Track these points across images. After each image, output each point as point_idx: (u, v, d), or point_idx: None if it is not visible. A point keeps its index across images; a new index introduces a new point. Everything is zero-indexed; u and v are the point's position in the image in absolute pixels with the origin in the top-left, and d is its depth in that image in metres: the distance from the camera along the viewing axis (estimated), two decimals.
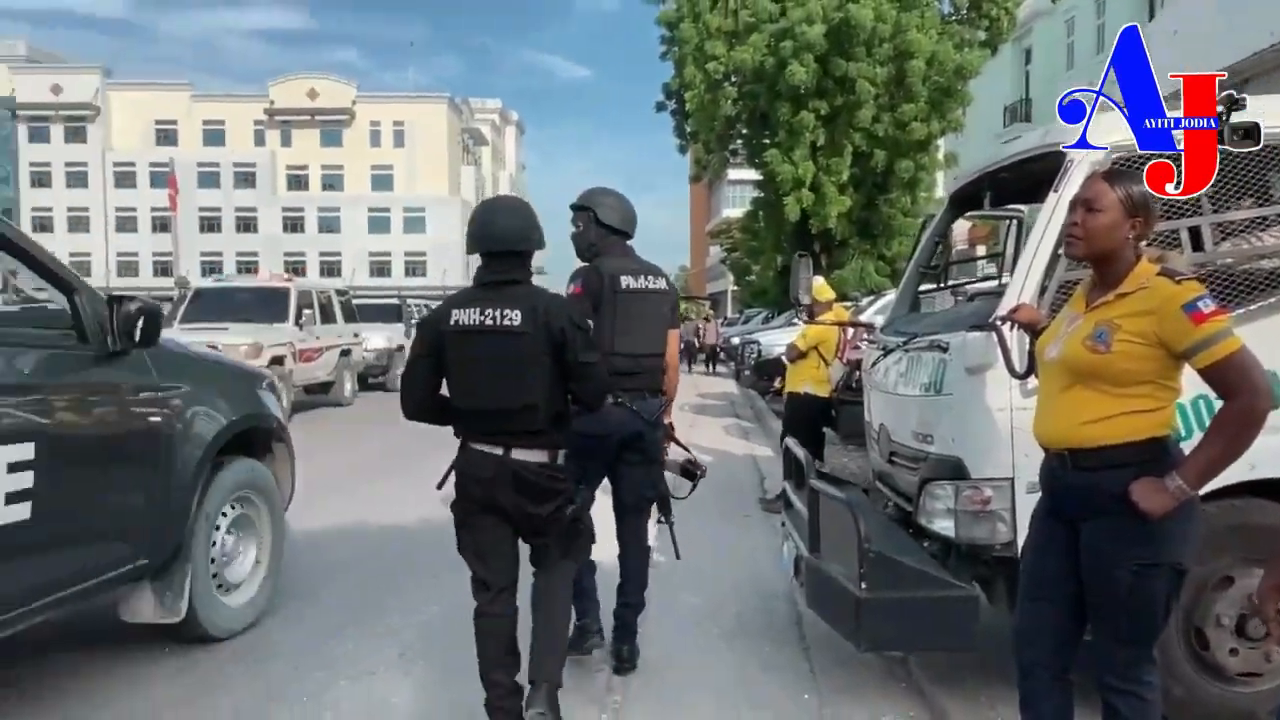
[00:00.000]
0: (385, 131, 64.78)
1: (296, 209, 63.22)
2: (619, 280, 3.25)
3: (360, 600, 4.25)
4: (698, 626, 3.94)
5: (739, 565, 4.89)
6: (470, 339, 2.65)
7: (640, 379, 3.28)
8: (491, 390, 2.65)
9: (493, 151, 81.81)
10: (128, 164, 61.82)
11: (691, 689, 3.30)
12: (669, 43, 24.77)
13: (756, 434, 10.60)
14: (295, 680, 3.32)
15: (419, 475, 6.80)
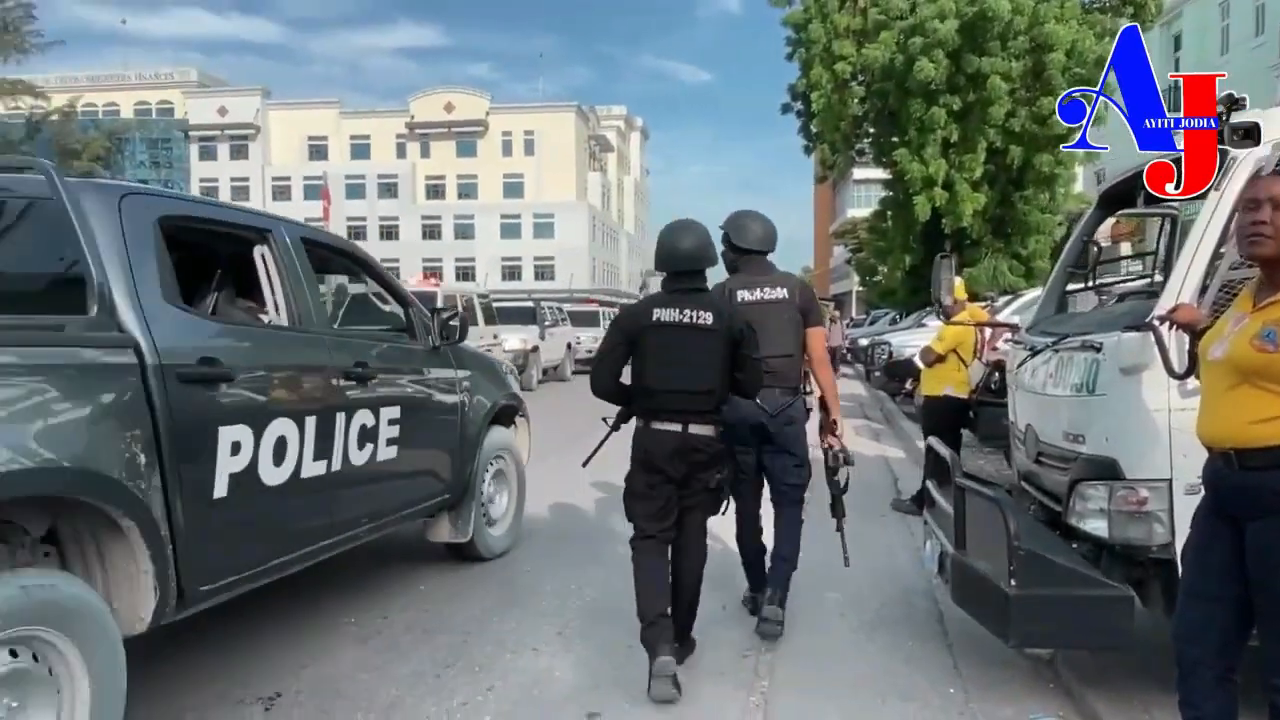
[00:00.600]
0: (516, 141, 66.98)
1: (434, 217, 66.22)
2: (736, 294, 3.73)
3: (518, 583, 4.55)
4: (841, 619, 4.04)
5: (877, 562, 4.94)
6: (670, 332, 3.25)
7: (767, 377, 3.58)
8: (683, 374, 3.24)
9: (618, 157, 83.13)
10: (284, 178, 66.37)
11: (836, 679, 3.41)
12: (795, 44, 24.64)
13: (887, 435, 10.47)
14: (464, 652, 3.62)
15: (560, 467, 7.15)
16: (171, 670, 3.33)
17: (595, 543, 5.37)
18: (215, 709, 3.04)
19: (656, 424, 3.26)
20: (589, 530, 5.75)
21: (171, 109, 68.32)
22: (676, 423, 3.24)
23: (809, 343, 3.81)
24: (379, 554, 4.94)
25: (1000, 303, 12.68)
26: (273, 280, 3.49)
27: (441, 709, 3.08)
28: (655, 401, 3.27)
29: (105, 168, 59.90)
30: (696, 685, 3.30)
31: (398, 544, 5.07)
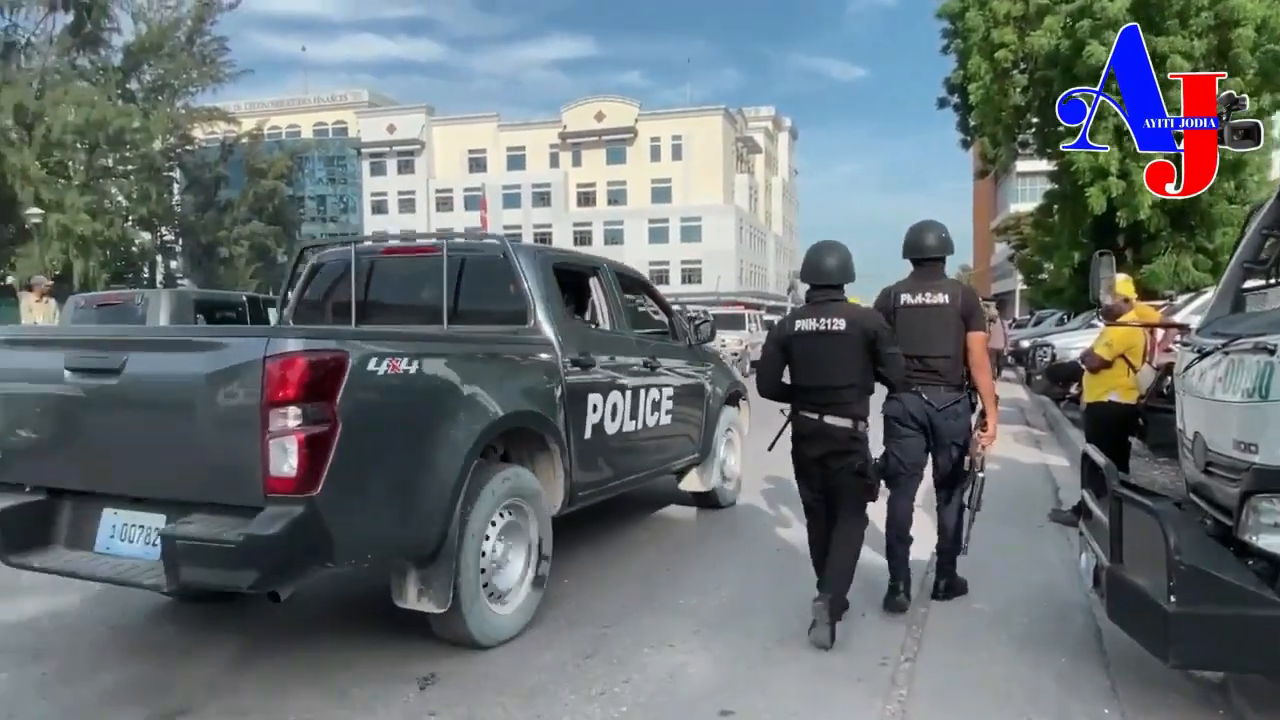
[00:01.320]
0: (664, 146, 67.74)
1: (585, 223, 67.95)
2: (900, 298, 4.17)
3: (657, 580, 4.65)
4: (988, 632, 3.89)
5: (1031, 574, 4.72)
6: (811, 338, 3.88)
7: (930, 375, 4.07)
8: (824, 373, 3.86)
9: (766, 158, 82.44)
10: (446, 190, 70.00)
11: (979, 693, 3.29)
12: (951, 35, 23.76)
13: (1049, 443, 9.91)
14: (604, 644, 3.74)
15: None
16: (330, 650, 3.62)
17: (738, 540, 5.40)
18: (374, 685, 3.29)
19: (802, 413, 3.94)
20: (730, 527, 5.78)
21: (345, 128, 73.40)
22: (815, 412, 3.87)
23: (969, 346, 4.12)
24: None
25: (1179, 301, 11.72)
26: (601, 300, 5.12)
27: (580, 697, 3.21)
28: (802, 396, 3.95)
29: (288, 184, 65.29)
30: (832, 690, 3.29)
31: None
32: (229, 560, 2.78)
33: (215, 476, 2.99)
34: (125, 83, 53.98)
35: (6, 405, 3.39)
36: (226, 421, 2.92)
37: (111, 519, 3.21)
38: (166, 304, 9.16)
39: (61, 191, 45.98)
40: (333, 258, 5.03)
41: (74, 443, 3.30)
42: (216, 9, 55.24)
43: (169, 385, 3.09)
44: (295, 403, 2.81)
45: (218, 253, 58.07)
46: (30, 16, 48.71)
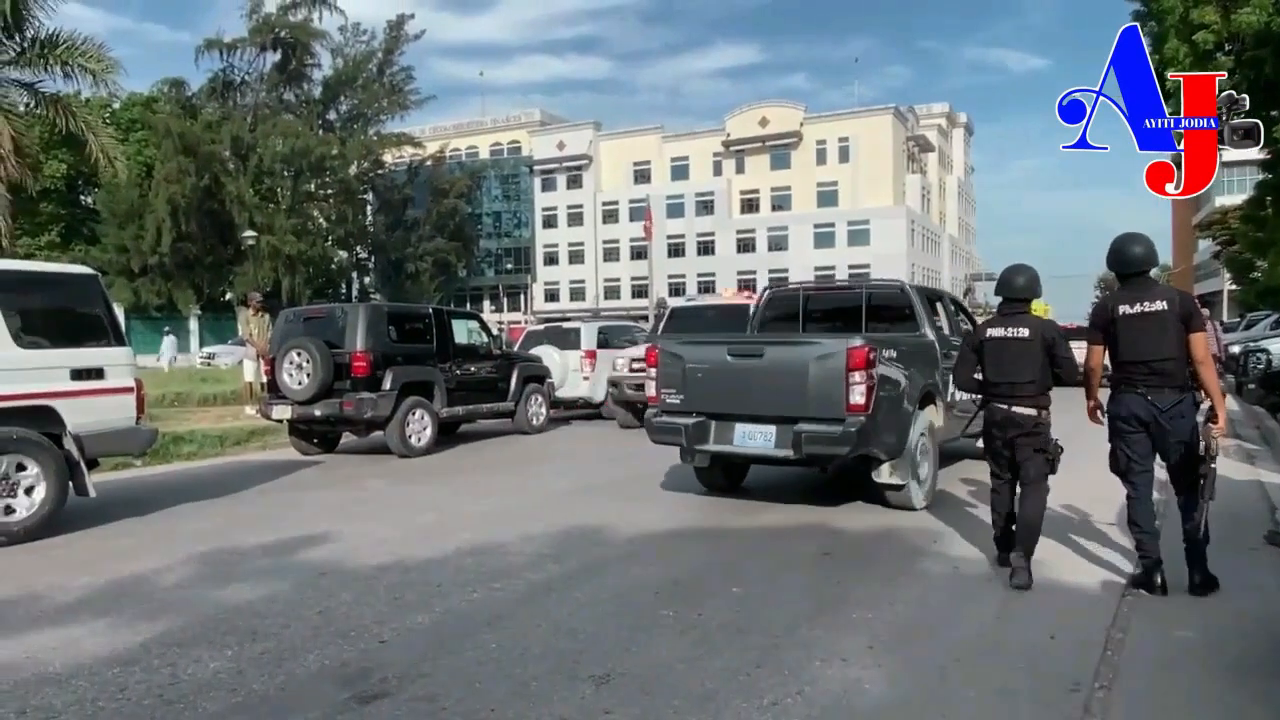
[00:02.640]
0: (830, 149, 66.38)
1: (748, 230, 67.65)
2: (1117, 309, 4.48)
3: (827, 592, 4.58)
4: (1193, 660, 3.58)
5: (1243, 600, 4.29)
6: (999, 343, 4.82)
7: (1156, 378, 4.36)
8: (1011, 371, 4.76)
9: (939, 156, 79.14)
10: (612, 203, 71.69)
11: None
12: (1144, 18, 21.95)
13: (1264, 457, 8.95)
14: (774, 654, 3.72)
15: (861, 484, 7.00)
16: (514, 645, 3.80)
17: (908, 557, 5.23)
18: (552, 681, 3.43)
19: (992, 403, 4.86)
20: (904, 543, 5.59)
21: (519, 147, 76.73)
22: (1004, 403, 4.79)
23: (1191, 346, 4.35)
24: (697, 555, 5.24)
25: None
26: (936, 315, 7.74)
27: (752, 705, 3.21)
28: (992, 389, 4.86)
29: (467, 203, 68.95)
30: (1017, 715, 3.13)
31: (716, 542, 5.34)
32: (833, 441, 5.95)
33: (815, 405, 6.07)
34: (324, 114, 58.94)
35: (692, 373, 6.65)
36: (825, 378, 6.03)
37: (742, 428, 6.44)
38: (364, 316, 9.90)
39: (271, 215, 50.78)
40: (783, 293, 8.96)
41: (726, 392, 6.52)
42: (405, 40, 59.51)
43: (792, 362, 6.27)
44: (860, 369, 5.94)
45: (405, 268, 62.10)
46: (244, 57, 54.24)
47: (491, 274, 76.29)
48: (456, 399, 10.86)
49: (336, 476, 8.93)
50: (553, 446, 11.13)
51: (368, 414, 9.62)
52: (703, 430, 6.52)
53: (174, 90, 52.93)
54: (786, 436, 6.09)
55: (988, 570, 4.88)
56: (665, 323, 13.84)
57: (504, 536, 5.70)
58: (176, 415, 13.20)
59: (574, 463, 9.81)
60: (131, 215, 47.21)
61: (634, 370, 12.15)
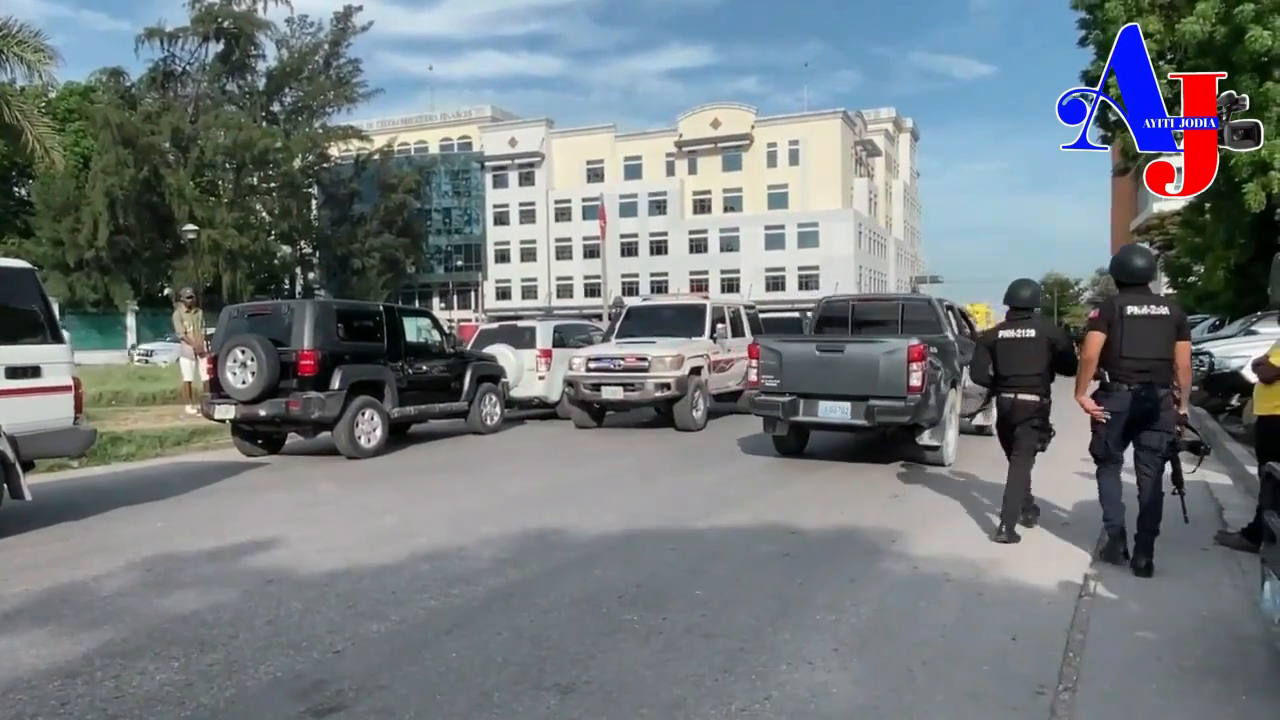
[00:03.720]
0: (781, 151, 66.99)
1: (701, 231, 67.92)
2: (1125, 308, 4.92)
3: (791, 594, 4.55)
4: (1156, 662, 3.61)
5: (1200, 602, 4.37)
6: (1009, 343, 5.78)
7: (1146, 375, 4.87)
8: (1019, 366, 5.73)
9: (886, 161, 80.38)
10: (565, 200, 71.36)
11: None
12: (1089, 26, 22.50)
13: (1208, 459, 9.18)
14: (741, 659, 3.67)
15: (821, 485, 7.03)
16: (474, 656, 3.69)
17: (868, 557, 5.23)
18: (515, 691, 3.32)
19: (1002, 394, 5.86)
20: (861, 542, 5.60)
21: (470, 143, 75.89)
22: (1012, 393, 5.78)
23: (1178, 352, 4.92)
24: (659, 558, 5.17)
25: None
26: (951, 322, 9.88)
27: (720, 712, 3.15)
28: (1003, 382, 5.84)
29: (416, 198, 68.01)
30: (985, 718, 3.12)
31: (678, 544, 5.28)
32: (897, 412, 8.16)
33: (883, 387, 8.18)
34: (269, 105, 57.57)
35: (788, 363, 8.76)
36: (892, 367, 8.16)
37: (825, 404, 8.54)
38: (311, 313, 9.61)
39: (212, 209, 49.40)
40: (837, 301, 10.87)
41: (813, 377, 8.58)
42: (352, 32, 58.39)
43: (866, 355, 8.36)
44: (917, 361, 8.06)
45: (351, 264, 60.94)
46: (186, 46, 52.75)
47: (441, 271, 75.35)
48: (408, 399, 10.63)
49: (283, 479, 8.67)
50: (507, 447, 10.97)
51: (315, 414, 9.36)
52: (794, 406, 8.75)
53: (113, 80, 51.24)
54: (860, 410, 8.40)
55: (945, 570, 4.90)
56: (622, 321, 13.77)
57: (461, 540, 5.57)
58: (114, 414, 12.72)
59: (529, 464, 9.67)
60: (67, 208, 45.58)
61: (591, 370, 12.06)
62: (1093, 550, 5.34)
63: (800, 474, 8.42)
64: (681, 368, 11.68)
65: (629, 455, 10.11)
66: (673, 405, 11.81)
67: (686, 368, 11.77)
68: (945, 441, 8.73)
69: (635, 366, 11.75)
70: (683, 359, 11.76)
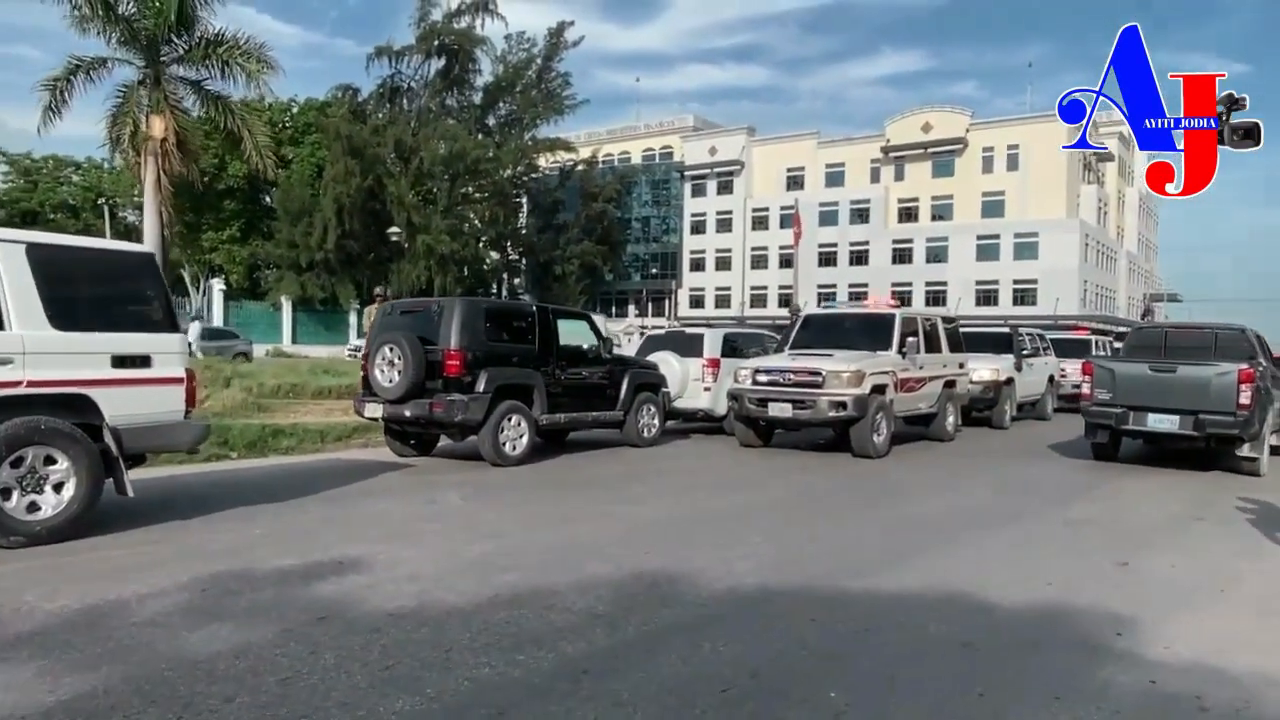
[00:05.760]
0: (998, 156, 62.11)
1: (905, 240, 64.21)
2: None
3: (964, 711, 3.28)
4: None
5: None
6: None
7: None
8: None
9: (1119, 166, 72.60)
10: (763, 209, 70.05)
11: None
12: None
13: None
14: None
15: (1025, 540, 5.59)
16: None
17: (1084, 656, 3.82)
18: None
19: None
20: (1072, 630, 4.17)
21: (671, 152, 76.38)
22: None
23: None
24: (792, 631, 4.03)
25: None
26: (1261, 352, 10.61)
27: None
28: None
29: (616, 207, 69.44)
30: None
31: (821, 611, 4.12)
32: (1226, 425, 9.46)
33: (1214, 403, 9.52)
34: (483, 118, 60.51)
35: (1121, 380, 10.18)
36: (1224, 387, 9.43)
37: (1154, 416, 9.84)
38: (460, 312, 9.14)
39: (428, 216, 52.43)
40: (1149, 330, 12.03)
41: (1144, 392, 9.98)
42: (564, 46, 60.28)
43: (1199, 376, 9.66)
44: (1248, 383, 9.42)
45: (553, 270, 62.92)
46: (411, 63, 56.42)
47: (638, 278, 76.28)
48: (559, 405, 10.00)
49: (413, 483, 8.22)
50: (659, 464, 10.04)
51: (458, 417, 8.89)
52: (1125, 416, 10.15)
53: (346, 95, 55.66)
54: (1189, 422, 9.68)
55: (1198, 688, 3.43)
56: (798, 331, 12.53)
57: (559, 580, 4.68)
58: (286, 407, 13.03)
59: (675, 485, 8.67)
60: (302, 213, 49.94)
61: (758, 383, 10.92)
62: None
63: (999, 524, 6.89)
64: (861, 385, 10.28)
65: (792, 483, 8.90)
66: (850, 427, 10.44)
67: (867, 385, 10.35)
68: (1263, 454, 9.97)
69: (808, 382, 10.48)
70: (863, 375, 10.35)
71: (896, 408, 11.12)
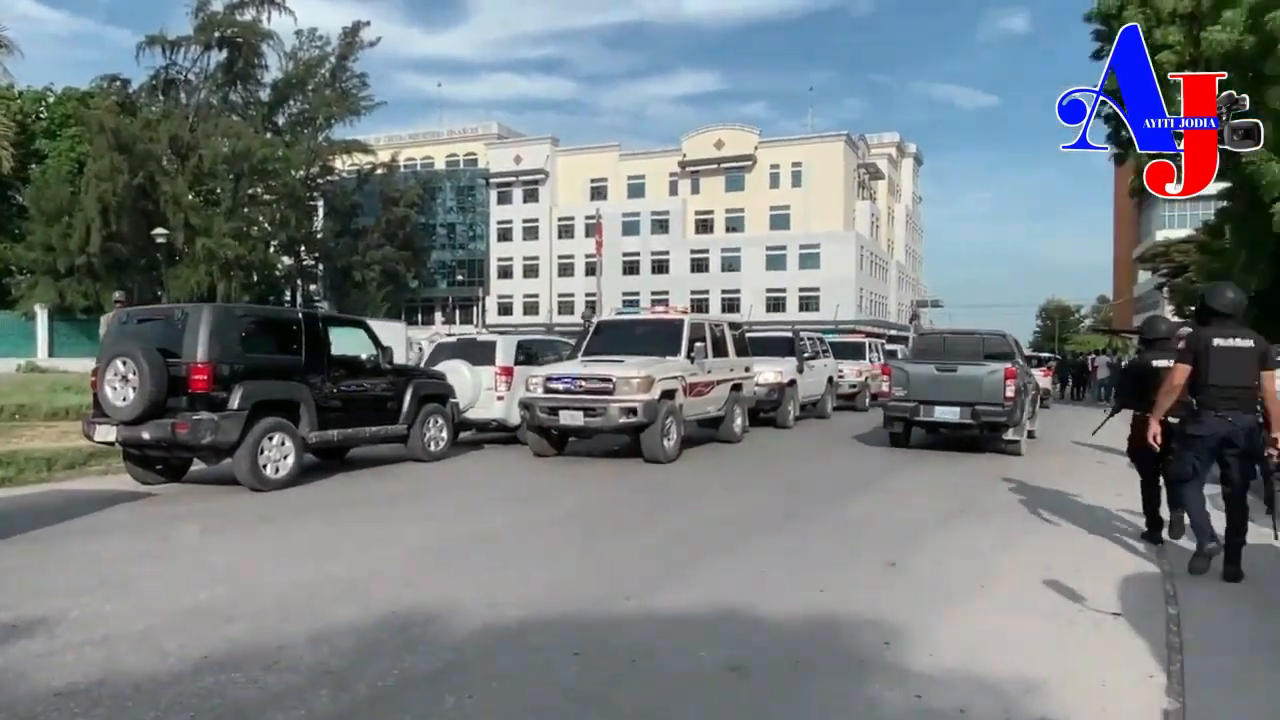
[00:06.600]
0: (784, 173, 65.85)
1: (702, 250, 66.62)
2: (1212, 340, 5.20)
3: None
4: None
5: None
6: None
7: (1233, 403, 5.15)
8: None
9: (889, 185, 79.06)
10: (568, 218, 70.27)
11: None
12: (1105, 38, 21.37)
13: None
14: None
15: (799, 541, 5.51)
16: None
17: (853, 674, 3.71)
18: None
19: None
20: (841, 646, 4.08)
21: (476, 159, 74.99)
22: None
23: (1264, 380, 5.13)
24: (550, 669, 3.64)
25: None
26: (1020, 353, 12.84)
27: None
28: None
29: (419, 213, 67.21)
30: None
31: (584, 641, 3.75)
32: (996, 415, 11.25)
33: (986, 396, 11.23)
34: (271, 116, 56.65)
35: (915, 379, 11.83)
36: (994, 383, 11.24)
37: (940, 409, 11.55)
38: (208, 319, 8.07)
39: (210, 218, 48.28)
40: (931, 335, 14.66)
41: (932, 389, 11.61)
42: (359, 46, 57.55)
43: (974, 374, 11.45)
44: (1012, 379, 11.21)
45: (352, 276, 59.87)
46: (188, 55, 51.91)
47: (444, 285, 74.26)
48: (331, 421, 9.15)
49: (148, 517, 7.17)
50: (444, 479, 9.41)
51: (206, 439, 7.88)
52: (917, 410, 11.73)
53: (112, 86, 50.27)
54: (968, 413, 11.36)
55: (963, 702, 3.37)
56: (590, 338, 12.29)
57: (292, 630, 4.04)
58: (10, 431, 11.24)
59: (458, 503, 8.07)
60: (60, 213, 44.49)
61: (549, 391, 10.56)
62: (1166, 653, 3.87)
63: (779, 526, 6.88)
64: (651, 391, 10.16)
65: (579, 494, 8.59)
66: (640, 433, 10.29)
67: (657, 391, 10.25)
68: (1022, 438, 11.80)
69: (599, 389, 10.23)
70: (653, 381, 10.24)
71: (686, 411, 11.13)
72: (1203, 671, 3.74)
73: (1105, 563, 5.75)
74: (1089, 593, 4.91)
